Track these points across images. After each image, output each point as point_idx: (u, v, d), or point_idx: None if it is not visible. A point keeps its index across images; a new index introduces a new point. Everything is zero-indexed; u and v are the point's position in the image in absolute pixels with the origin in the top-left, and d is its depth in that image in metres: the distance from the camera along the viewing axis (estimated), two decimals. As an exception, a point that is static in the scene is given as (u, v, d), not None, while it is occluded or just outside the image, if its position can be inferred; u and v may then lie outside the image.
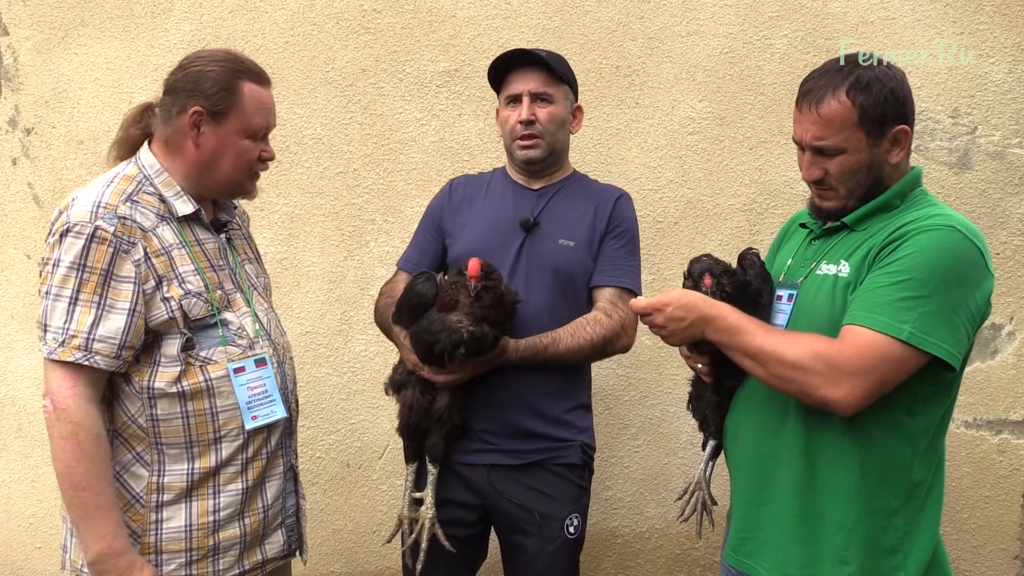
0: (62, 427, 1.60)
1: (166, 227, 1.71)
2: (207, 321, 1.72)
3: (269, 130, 1.82)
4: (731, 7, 2.91)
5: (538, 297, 2.12)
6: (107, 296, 1.61)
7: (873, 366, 1.54)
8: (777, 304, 1.79)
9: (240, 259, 1.90)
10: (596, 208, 2.20)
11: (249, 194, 1.88)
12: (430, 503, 2.10)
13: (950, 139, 2.94)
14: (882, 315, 1.55)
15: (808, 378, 1.58)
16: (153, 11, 2.88)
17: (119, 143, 1.82)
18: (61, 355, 1.60)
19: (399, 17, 2.90)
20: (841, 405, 1.57)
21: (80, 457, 1.60)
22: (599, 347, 2.13)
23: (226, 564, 1.77)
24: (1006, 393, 2.99)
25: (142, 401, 1.68)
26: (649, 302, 1.71)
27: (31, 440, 2.98)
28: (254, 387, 1.77)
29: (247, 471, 1.78)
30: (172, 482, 1.71)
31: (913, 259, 1.56)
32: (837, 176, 1.67)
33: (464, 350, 1.94)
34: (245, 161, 1.78)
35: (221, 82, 1.72)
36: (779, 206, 2.95)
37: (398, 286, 2.23)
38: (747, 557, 1.79)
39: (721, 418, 1.92)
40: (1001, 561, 3.06)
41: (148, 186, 1.73)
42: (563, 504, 2.13)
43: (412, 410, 2.09)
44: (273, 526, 1.86)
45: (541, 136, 2.15)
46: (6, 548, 3.02)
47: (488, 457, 2.12)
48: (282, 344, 1.92)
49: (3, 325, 2.96)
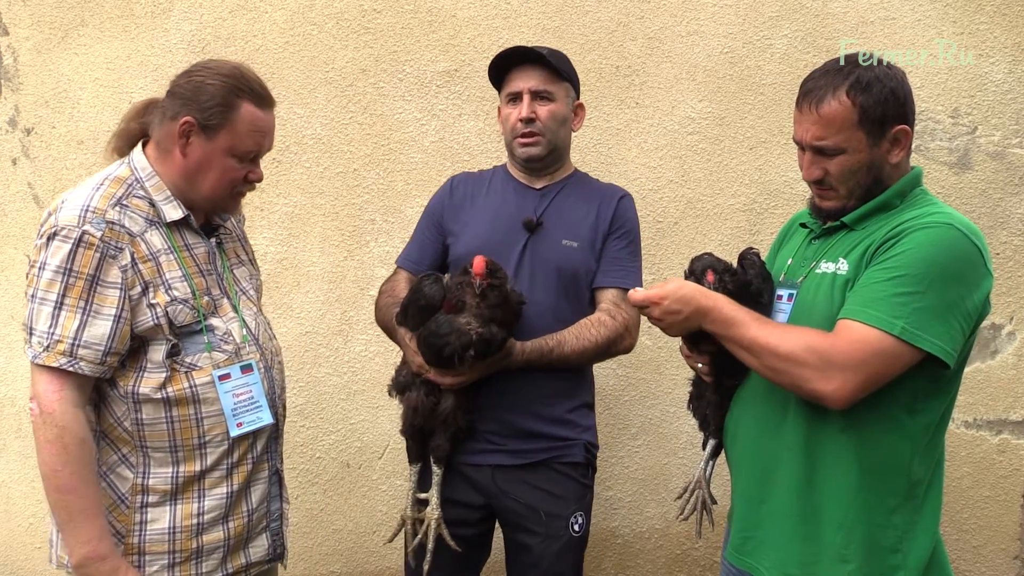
0: (48, 431, 1.59)
1: (155, 232, 1.70)
2: (193, 327, 1.71)
3: (261, 153, 1.79)
4: (731, 7, 2.91)
5: (542, 297, 2.12)
6: (93, 302, 1.60)
7: (865, 360, 1.55)
8: (777, 304, 1.79)
9: (230, 263, 1.89)
10: (599, 208, 2.20)
11: (230, 212, 1.86)
12: (436, 503, 2.10)
13: (950, 139, 2.94)
14: (876, 310, 1.55)
15: (800, 370, 1.59)
16: (153, 11, 2.88)
17: (118, 135, 1.81)
18: (46, 360, 1.59)
19: (399, 17, 2.90)
20: (832, 398, 1.58)
21: (65, 461, 1.59)
22: (603, 348, 2.13)
23: (209, 567, 1.76)
24: (1006, 393, 2.99)
25: (127, 405, 1.68)
26: (646, 295, 1.72)
27: (31, 440, 2.93)
28: (240, 394, 1.76)
29: (232, 476, 1.77)
30: (157, 484, 1.71)
31: (910, 255, 1.57)
32: (837, 176, 1.67)
33: (473, 352, 1.94)
34: (228, 179, 1.75)
35: (219, 97, 1.70)
36: (779, 206, 2.95)
37: (399, 285, 2.23)
38: (748, 556, 1.80)
39: (721, 417, 1.92)
40: (1001, 561, 3.06)
41: (139, 189, 1.71)
42: (567, 502, 2.13)
43: (417, 412, 2.08)
44: (257, 530, 1.85)
45: (542, 134, 2.15)
46: (6, 548, 3.02)
47: (493, 458, 2.12)
48: (270, 348, 1.90)
49: (3, 325, 2.96)
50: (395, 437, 2.96)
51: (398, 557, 2.27)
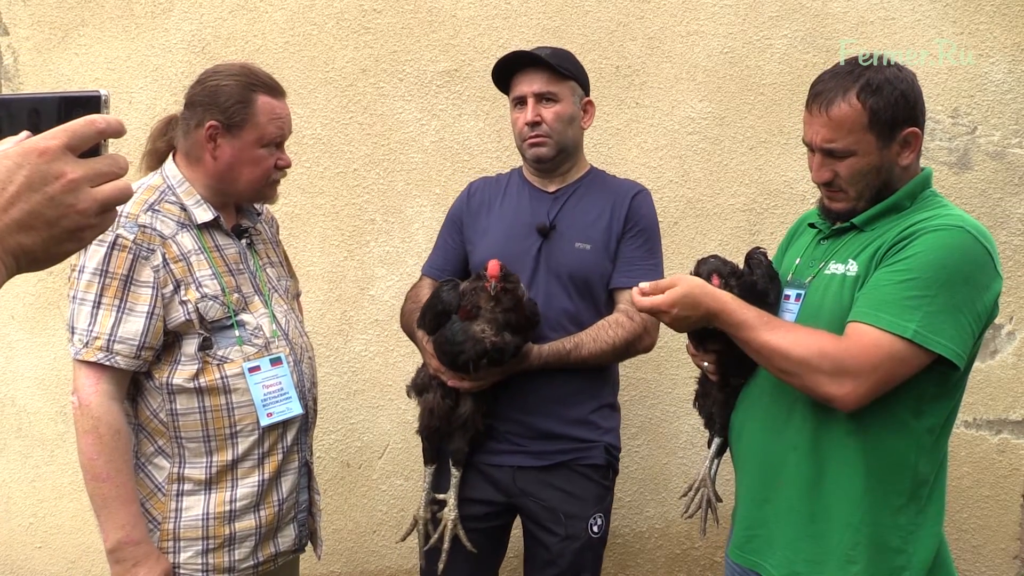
0: (85, 422, 1.70)
1: (186, 234, 1.81)
2: (224, 322, 1.81)
3: (284, 139, 1.90)
4: (731, 7, 2.91)
5: (557, 301, 2.13)
6: (127, 300, 1.72)
7: (878, 364, 1.54)
8: (785, 304, 1.79)
9: (262, 263, 1.98)
10: (612, 208, 2.19)
11: (270, 199, 1.96)
12: (453, 504, 2.12)
13: (950, 139, 2.94)
14: (888, 313, 1.55)
15: (813, 375, 1.58)
16: (153, 11, 2.88)
17: (148, 155, 1.93)
18: (85, 355, 1.70)
19: (399, 17, 2.90)
20: (844, 402, 1.58)
21: (100, 450, 1.69)
22: (621, 349, 2.14)
23: (242, 555, 1.85)
24: (1006, 393, 2.99)
25: (163, 396, 1.78)
26: (652, 303, 1.68)
27: (31, 440, 2.98)
28: (269, 385, 1.85)
29: (264, 465, 1.86)
30: (192, 474, 1.81)
31: (920, 258, 1.56)
32: (847, 178, 1.66)
33: (487, 361, 1.96)
34: (263, 169, 1.86)
35: (236, 96, 1.80)
36: (779, 206, 2.95)
37: (423, 291, 2.25)
38: (752, 554, 1.80)
39: (727, 416, 1.92)
40: (1001, 561, 3.06)
41: (171, 195, 1.83)
42: (587, 504, 2.14)
43: (433, 414, 2.11)
44: (287, 520, 1.94)
45: (548, 135, 2.15)
46: (6, 548, 3.02)
47: (514, 459, 2.14)
48: (301, 344, 1.99)
49: (3, 325, 2.96)
50: (395, 437, 2.96)
51: (398, 557, 2.27)
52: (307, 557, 2.14)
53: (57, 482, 2.98)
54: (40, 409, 2.97)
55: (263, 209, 2.08)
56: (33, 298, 2.94)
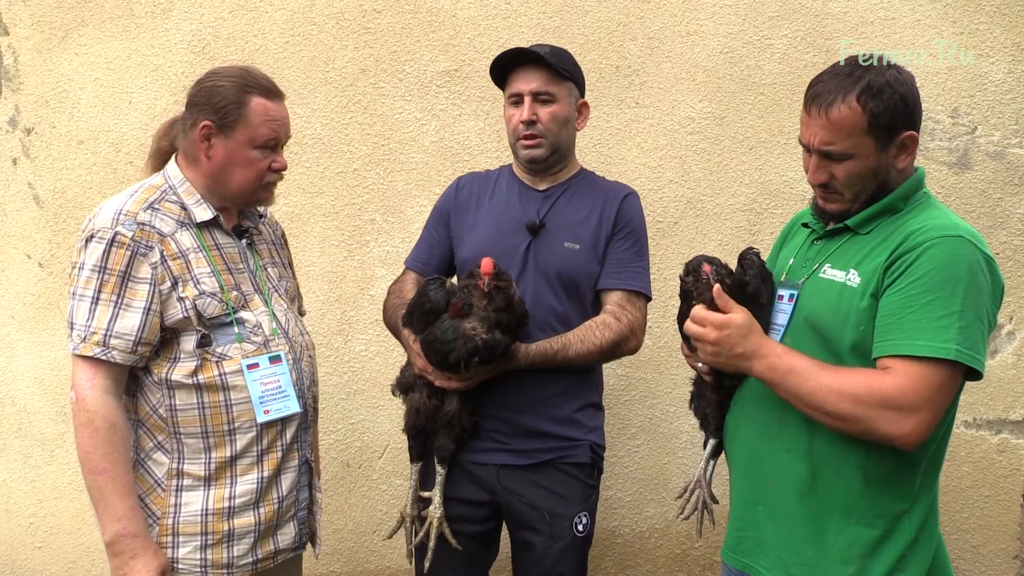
0: (81, 416, 1.72)
1: (185, 232, 1.83)
2: (223, 319, 1.83)
3: (280, 141, 1.90)
4: (731, 7, 2.91)
5: (545, 299, 2.12)
6: (124, 296, 1.74)
7: (932, 396, 1.54)
8: (778, 304, 1.78)
9: (262, 262, 1.99)
10: (602, 209, 2.19)
11: (265, 201, 1.97)
12: (438, 502, 2.11)
13: (950, 139, 2.94)
14: (924, 339, 1.53)
15: (871, 423, 1.56)
16: (153, 11, 2.88)
17: (152, 156, 1.95)
18: (83, 350, 1.72)
19: (399, 17, 2.90)
20: (907, 441, 1.56)
21: (96, 443, 1.71)
22: (608, 351, 2.13)
23: (240, 551, 1.86)
24: (1006, 393, 2.99)
25: (162, 392, 1.80)
26: (708, 316, 1.66)
27: (31, 440, 2.98)
28: (267, 383, 1.86)
29: (263, 462, 1.87)
30: (191, 469, 1.82)
31: (933, 277, 1.54)
32: (843, 180, 1.65)
33: (479, 359, 1.95)
34: (256, 171, 1.87)
35: (230, 96, 1.82)
36: (779, 206, 2.95)
37: (407, 286, 2.24)
38: (744, 556, 1.79)
39: (721, 416, 1.91)
40: (1001, 561, 3.06)
41: (172, 195, 1.85)
42: (572, 503, 2.13)
43: (419, 413, 2.10)
44: (286, 517, 1.94)
45: (543, 136, 2.14)
46: (6, 548, 3.02)
47: (498, 457, 2.13)
48: (300, 343, 2.00)
49: (3, 325, 2.96)
50: (395, 437, 2.96)
51: (398, 556, 2.28)
52: (307, 557, 2.14)
53: (57, 482, 2.99)
54: (40, 409, 2.97)
55: (266, 212, 2.09)
56: (33, 298, 2.94)
